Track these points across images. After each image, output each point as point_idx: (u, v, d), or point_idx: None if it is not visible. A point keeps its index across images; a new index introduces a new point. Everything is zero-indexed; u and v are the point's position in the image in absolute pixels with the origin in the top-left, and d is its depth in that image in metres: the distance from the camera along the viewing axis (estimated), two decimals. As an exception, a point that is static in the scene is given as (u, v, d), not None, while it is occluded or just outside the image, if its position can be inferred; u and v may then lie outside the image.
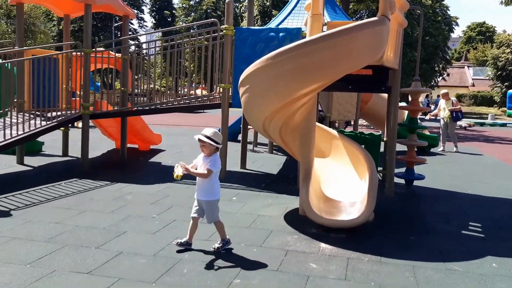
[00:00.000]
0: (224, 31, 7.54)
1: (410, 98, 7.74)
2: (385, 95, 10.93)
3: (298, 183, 6.49)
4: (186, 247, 4.24)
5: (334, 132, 6.63)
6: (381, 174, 7.31)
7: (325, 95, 9.20)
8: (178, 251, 4.19)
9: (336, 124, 11.38)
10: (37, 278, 3.52)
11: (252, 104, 5.29)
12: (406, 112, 11.18)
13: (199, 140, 4.14)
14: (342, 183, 5.87)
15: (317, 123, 6.06)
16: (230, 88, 7.67)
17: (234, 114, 9.96)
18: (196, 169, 4.24)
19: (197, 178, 4.24)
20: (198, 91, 11.28)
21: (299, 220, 5.38)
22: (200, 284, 3.54)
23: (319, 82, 4.95)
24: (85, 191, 6.47)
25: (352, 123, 12.28)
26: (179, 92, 9.12)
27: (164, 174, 7.86)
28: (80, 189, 6.57)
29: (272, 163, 9.61)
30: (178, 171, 4.01)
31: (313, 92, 5.14)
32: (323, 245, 4.59)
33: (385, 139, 7.34)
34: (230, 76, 7.71)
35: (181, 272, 3.76)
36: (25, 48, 8.44)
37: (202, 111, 26.91)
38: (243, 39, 7.45)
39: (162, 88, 10.01)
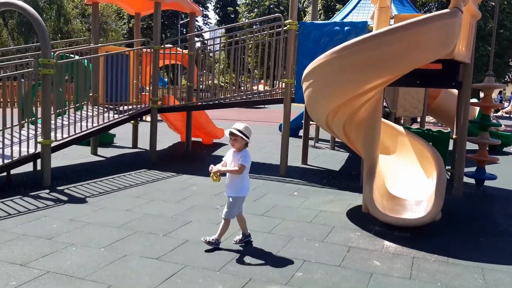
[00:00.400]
0: (288, 26, 7.56)
1: (482, 94, 7.35)
2: (455, 91, 10.47)
3: (362, 180, 6.40)
4: (214, 246, 4.10)
5: (400, 128, 6.45)
6: (449, 173, 7.02)
7: (390, 91, 8.97)
8: (235, 243, 4.23)
9: (402, 121, 11.04)
10: (111, 261, 3.75)
11: (315, 98, 5.28)
12: (477, 109, 10.65)
13: (231, 134, 4.07)
14: (408, 181, 5.71)
15: (382, 119, 5.93)
16: (293, 83, 7.68)
17: (295, 109, 9.95)
18: (226, 166, 4.15)
19: (227, 174, 4.14)
20: (260, 87, 11.39)
21: (362, 217, 5.31)
22: (262, 275, 3.61)
23: (385, 76, 4.84)
24: (153, 181, 6.77)
25: (419, 120, 11.86)
26: (241, 87, 9.27)
27: (227, 168, 8.04)
28: (149, 179, 6.89)
29: (334, 160, 9.52)
30: (212, 177, 4.02)
31: (378, 87, 5.04)
32: (387, 243, 4.50)
33: (454, 136, 7.04)
34: (293, 71, 7.72)
35: (244, 262, 3.85)
36: (100, 45, 8.93)
37: (263, 106, 27.10)
38: (307, 34, 7.42)
39: (224, 84, 10.22)
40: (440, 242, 4.58)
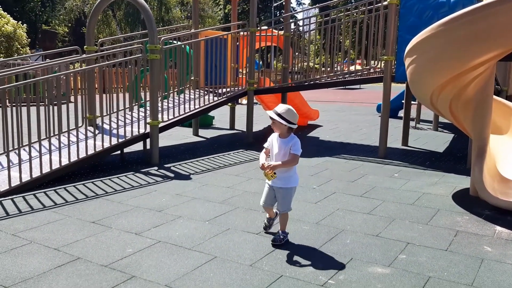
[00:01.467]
0: (388, 0, 7.23)
1: None
2: None
3: (469, 162, 6.00)
4: (285, 239, 3.78)
5: (515, 106, 5.91)
6: None
7: (502, 66, 8.22)
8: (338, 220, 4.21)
9: (515, 99, 10.08)
10: (215, 234, 3.95)
11: (420, 75, 5.01)
12: None
13: (270, 117, 3.66)
14: (524, 163, 5.23)
15: (494, 96, 5.47)
16: (393, 60, 7.35)
17: (394, 90, 9.53)
18: (269, 155, 3.80)
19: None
20: (357, 67, 11.08)
21: (469, 201, 4.99)
22: (363, 255, 3.56)
23: (498, 49, 4.44)
24: (251, 160, 6.96)
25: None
26: (335, 68, 9.11)
27: (322, 148, 7.99)
28: (246, 158, 7.09)
29: (437, 141, 9.01)
30: (267, 175, 3.59)
31: (490, 61, 4.64)
32: (499, 228, 4.19)
33: None
34: (393, 48, 7.39)
35: (344, 242, 3.83)
36: (200, 30, 9.28)
37: (358, 87, 26.37)
38: (409, 7, 7.04)
39: (320, 65, 10.11)
40: (563, 230, 4.15)
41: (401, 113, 9.44)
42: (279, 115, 3.58)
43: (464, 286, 3.06)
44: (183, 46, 7.98)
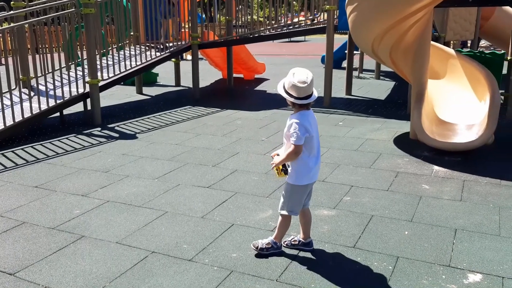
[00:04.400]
0: None
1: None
2: (510, 9, 9.74)
3: (409, 108, 6.24)
4: (271, 251, 2.83)
5: (451, 51, 6.14)
6: (502, 97, 6.70)
7: (439, 12, 8.44)
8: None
9: (451, 45, 10.48)
10: (165, 190, 3.93)
11: (361, 23, 5.07)
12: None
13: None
14: (459, 105, 5.50)
15: (432, 43, 5.65)
16: (336, 10, 7.37)
17: (338, 41, 9.61)
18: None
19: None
20: (300, 19, 11.02)
21: (409, 144, 5.23)
22: (311, 199, 3.65)
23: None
24: (198, 117, 6.89)
25: (469, 44, 11.23)
26: (279, 20, 9.03)
27: (270, 101, 8.02)
28: (194, 115, 7.01)
29: (379, 89, 9.28)
30: (275, 172, 2.75)
31: (428, 7, 4.75)
32: (436, 167, 4.44)
33: (508, 57, 6.65)
34: (335, -3, 7.38)
35: (292, 189, 3.93)
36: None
37: (303, 39, 26.40)
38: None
39: (264, 19, 9.98)
40: (492, 165, 4.47)
41: (345, 64, 9.59)
42: (284, 88, 2.65)
43: (404, 222, 3.25)
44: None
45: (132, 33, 8.50)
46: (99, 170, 4.47)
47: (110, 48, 7.74)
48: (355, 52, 9.83)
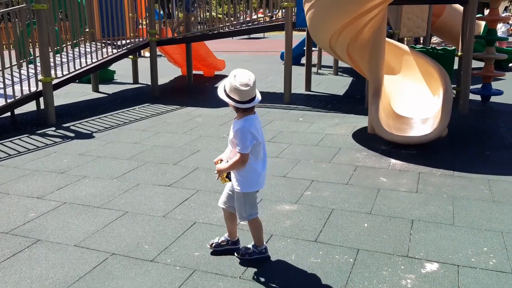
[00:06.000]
0: None
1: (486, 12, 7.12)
2: (460, 7, 10.11)
3: (366, 103, 6.38)
4: (227, 247, 2.80)
5: (405, 47, 6.32)
6: (454, 92, 6.97)
7: (393, 10, 8.67)
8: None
9: (405, 42, 10.79)
10: (125, 190, 3.84)
11: (318, 20, 5.13)
12: (482, 26, 10.36)
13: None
14: (413, 100, 5.68)
15: (386, 39, 5.79)
16: (294, 7, 7.42)
17: (296, 38, 9.70)
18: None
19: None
20: (259, 16, 11.06)
21: (368, 138, 5.35)
22: (272, 196, 3.70)
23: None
24: (158, 114, 6.78)
25: (422, 40, 11.59)
26: (238, 17, 9.02)
27: (230, 98, 8.00)
28: (153, 112, 6.89)
29: (337, 85, 9.44)
30: (220, 179, 2.72)
31: (382, 4, 4.86)
32: (393, 160, 4.57)
33: (459, 53, 6.91)
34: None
35: (254, 185, 3.93)
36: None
37: (262, 36, 26.49)
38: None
39: (222, 15, 9.94)
40: (446, 158, 4.65)
41: (303, 60, 9.69)
42: (224, 92, 2.50)
43: (364, 215, 3.33)
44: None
45: (87, 30, 8.25)
46: (55, 171, 4.32)
47: (65, 45, 7.48)
48: (313, 48, 9.95)
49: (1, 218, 3.32)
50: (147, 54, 11.21)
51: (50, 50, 6.36)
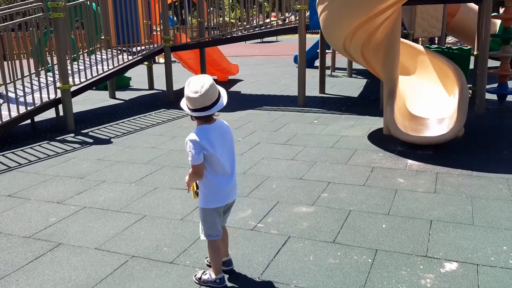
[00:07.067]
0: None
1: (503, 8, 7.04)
2: (475, 6, 10.01)
3: (381, 104, 6.36)
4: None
5: (420, 47, 6.29)
6: (470, 91, 6.90)
7: (407, 10, 8.63)
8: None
9: (420, 42, 10.72)
10: (143, 194, 3.90)
11: (332, 22, 5.14)
12: (498, 25, 10.24)
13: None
14: (429, 100, 5.64)
15: (401, 39, 5.77)
16: (307, 10, 7.44)
17: (309, 40, 9.72)
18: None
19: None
20: (271, 19, 11.10)
21: (383, 139, 5.33)
22: (289, 197, 3.71)
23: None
24: (174, 119, 6.85)
25: (437, 40, 11.51)
26: (251, 21, 9.08)
27: (244, 102, 8.05)
28: (169, 118, 6.96)
29: (352, 87, 9.42)
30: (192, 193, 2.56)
31: (396, 4, 4.86)
32: (410, 161, 4.54)
33: (475, 53, 6.85)
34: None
35: (270, 187, 3.96)
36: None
37: (275, 40, 26.55)
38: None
39: (235, 20, 10.01)
40: (463, 158, 4.60)
41: (317, 63, 9.69)
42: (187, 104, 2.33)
43: (382, 216, 3.32)
44: (88, 2, 7.47)
45: (103, 37, 8.39)
46: (74, 176, 4.40)
47: (81, 53, 7.61)
48: (327, 51, 9.95)
49: (23, 223, 3.39)
50: (162, 60, 11.33)
51: (67, 58, 6.48)
